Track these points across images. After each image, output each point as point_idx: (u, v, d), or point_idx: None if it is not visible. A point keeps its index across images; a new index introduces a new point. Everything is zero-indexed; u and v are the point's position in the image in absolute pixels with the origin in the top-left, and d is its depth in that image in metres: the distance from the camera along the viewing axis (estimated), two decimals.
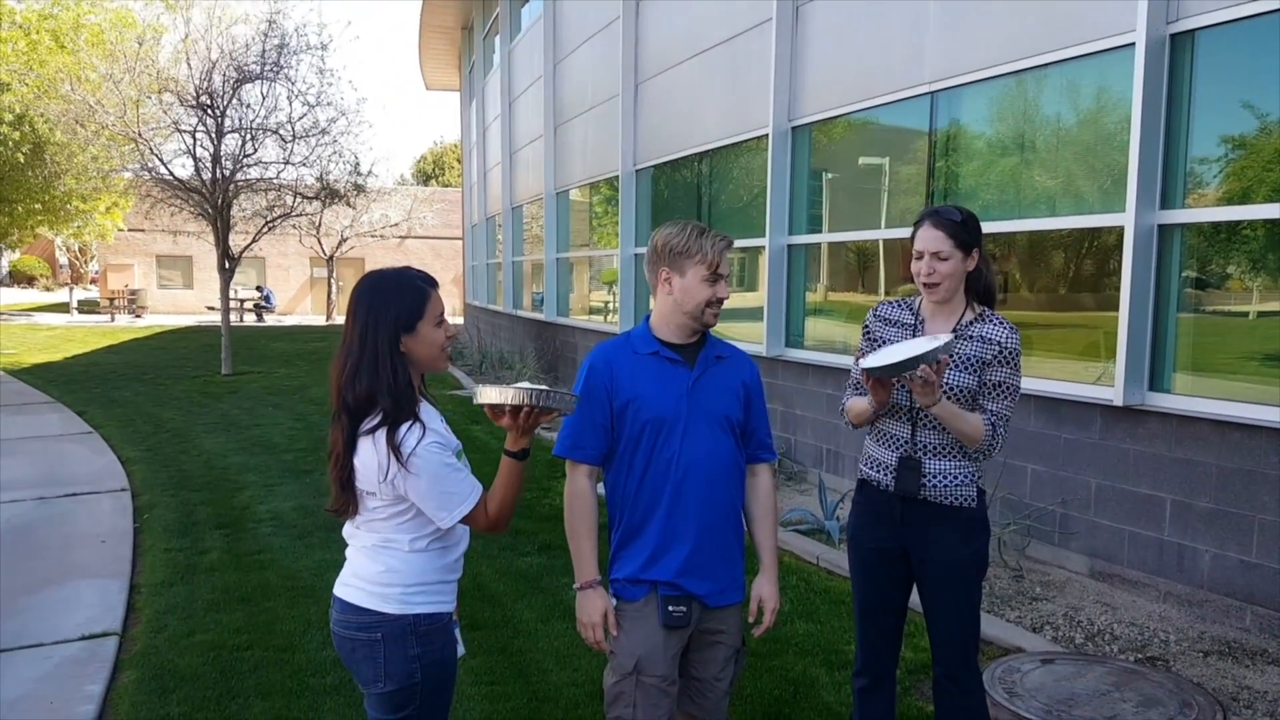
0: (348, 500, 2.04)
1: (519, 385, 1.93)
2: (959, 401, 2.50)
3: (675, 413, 2.34)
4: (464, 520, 2.02)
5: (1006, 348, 2.51)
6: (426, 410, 2.07)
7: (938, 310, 2.59)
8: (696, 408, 2.36)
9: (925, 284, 2.52)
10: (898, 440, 2.59)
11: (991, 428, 2.50)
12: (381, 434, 1.94)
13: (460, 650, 2.20)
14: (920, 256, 2.51)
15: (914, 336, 2.59)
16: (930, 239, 2.49)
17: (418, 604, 2.04)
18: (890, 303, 2.71)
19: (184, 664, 3.82)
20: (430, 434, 1.97)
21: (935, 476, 2.54)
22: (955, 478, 2.54)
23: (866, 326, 2.72)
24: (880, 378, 2.42)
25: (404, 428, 1.95)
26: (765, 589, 2.47)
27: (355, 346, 1.98)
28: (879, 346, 2.65)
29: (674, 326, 2.38)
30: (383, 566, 2.04)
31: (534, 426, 1.96)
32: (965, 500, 2.56)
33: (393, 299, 2.00)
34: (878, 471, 2.64)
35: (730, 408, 2.41)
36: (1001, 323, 2.55)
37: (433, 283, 2.07)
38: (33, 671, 3.75)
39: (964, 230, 2.50)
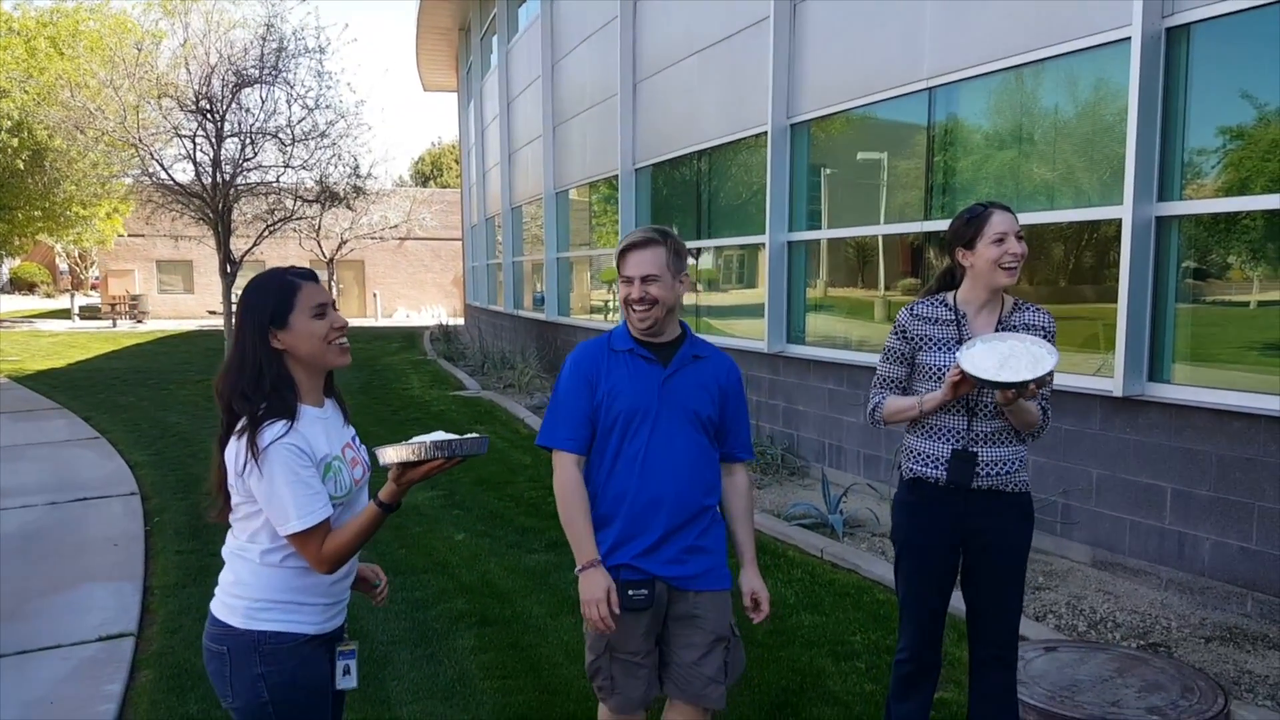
0: (226, 505, 1.98)
1: (416, 440, 1.83)
2: None
3: (646, 406, 2.43)
4: (296, 541, 1.90)
5: (1050, 332, 2.63)
6: (315, 415, 1.99)
7: (982, 305, 2.62)
8: (667, 402, 2.45)
9: (1009, 266, 2.53)
10: (954, 432, 2.60)
11: (1044, 412, 2.61)
12: (247, 431, 1.89)
13: (351, 683, 2.10)
14: (1003, 239, 2.52)
15: (959, 334, 2.60)
16: (1011, 221, 2.55)
17: (264, 621, 1.94)
18: (925, 301, 2.70)
19: (200, 663, 3.81)
20: (293, 435, 1.89)
21: (994, 464, 2.59)
22: (1012, 464, 2.61)
23: (902, 326, 2.68)
24: (977, 381, 2.38)
25: (266, 423, 1.88)
26: (754, 582, 2.54)
27: (234, 349, 1.96)
28: (923, 347, 2.64)
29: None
30: (233, 576, 1.99)
31: (428, 476, 1.88)
32: (1022, 486, 2.64)
33: (260, 297, 1.95)
34: (933, 467, 2.63)
35: (701, 404, 2.48)
36: (1039, 310, 2.66)
37: (306, 275, 2.00)
38: (53, 672, 3.80)
39: None
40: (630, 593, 2.40)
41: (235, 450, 1.90)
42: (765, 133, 7.68)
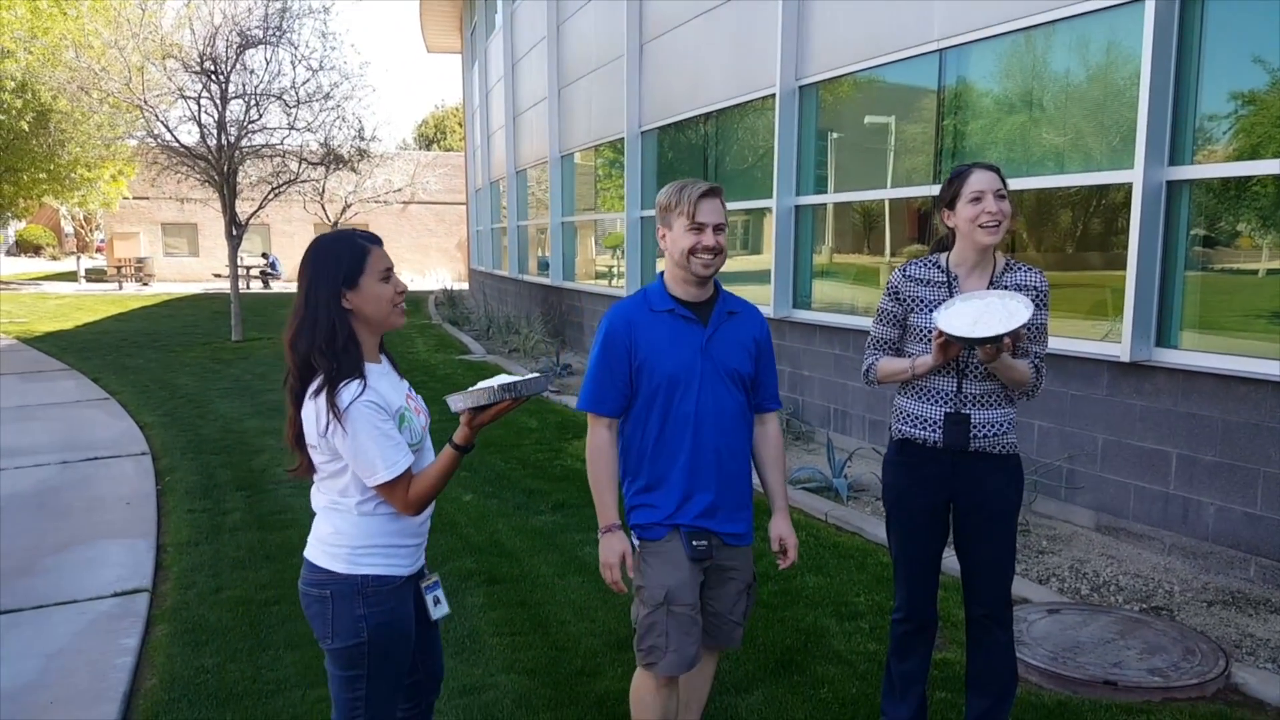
0: (303, 460, 2.11)
1: (483, 385, 1.99)
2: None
3: (690, 370, 2.45)
4: (383, 490, 2.04)
5: (1042, 290, 2.61)
6: (379, 371, 2.11)
7: (973, 266, 2.61)
8: (710, 364, 2.47)
9: (988, 225, 2.51)
10: (943, 394, 2.62)
11: (1036, 370, 2.60)
12: (325, 391, 1.99)
13: (443, 611, 2.25)
14: (980, 199, 2.50)
15: (950, 295, 2.59)
16: (990, 179, 2.52)
17: (366, 565, 2.08)
18: (918, 262, 2.70)
19: (214, 618, 3.94)
20: (369, 392, 2.00)
21: (983, 426, 2.59)
22: (1001, 426, 2.62)
23: (895, 287, 2.69)
24: (954, 340, 2.39)
25: (343, 384, 1.99)
26: (783, 528, 2.61)
27: (300, 308, 2.05)
28: (915, 308, 2.65)
29: (678, 282, 2.49)
30: (331, 528, 2.11)
31: (498, 418, 2.05)
32: (1010, 447, 2.65)
33: (333, 257, 2.05)
34: (923, 429, 2.65)
35: (741, 363, 2.52)
36: (1031, 269, 2.64)
37: (374, 240, 2.11)
38: (70, 626, 3.88)
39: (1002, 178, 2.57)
40: (695, 543, 2.46)
41: (315, 411, 2.00)
42: (773, 95, 7.61)
